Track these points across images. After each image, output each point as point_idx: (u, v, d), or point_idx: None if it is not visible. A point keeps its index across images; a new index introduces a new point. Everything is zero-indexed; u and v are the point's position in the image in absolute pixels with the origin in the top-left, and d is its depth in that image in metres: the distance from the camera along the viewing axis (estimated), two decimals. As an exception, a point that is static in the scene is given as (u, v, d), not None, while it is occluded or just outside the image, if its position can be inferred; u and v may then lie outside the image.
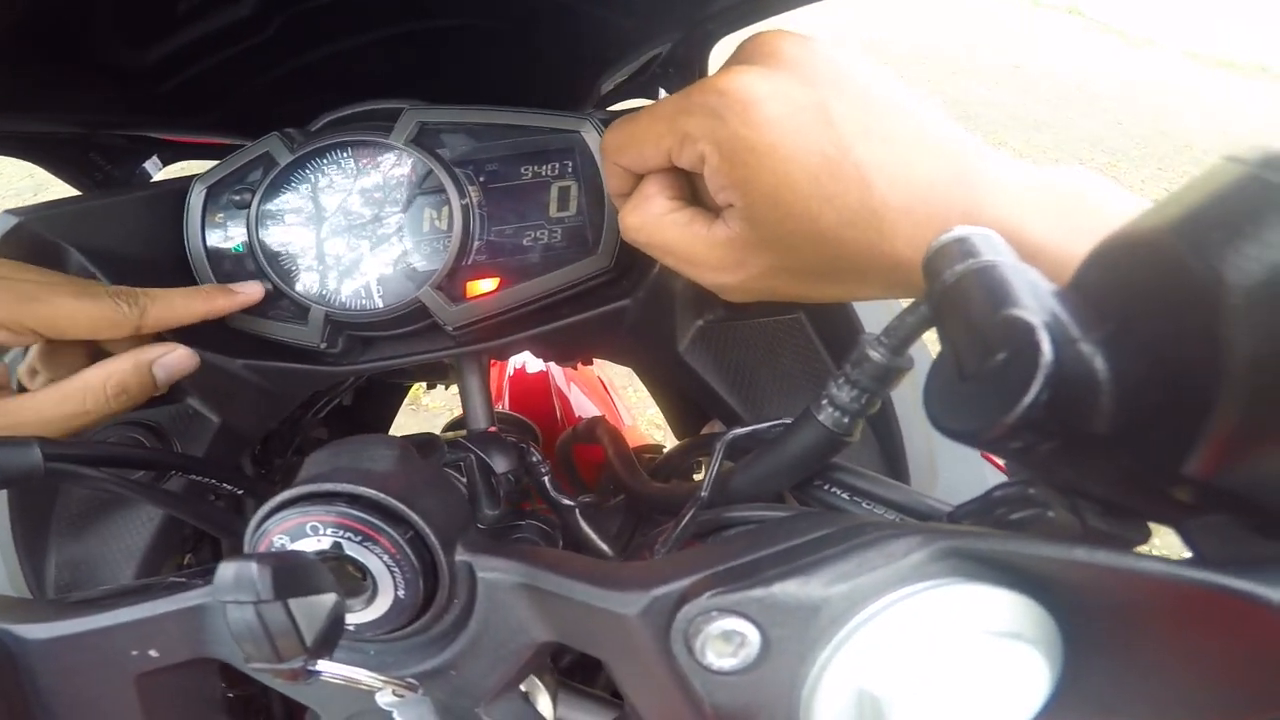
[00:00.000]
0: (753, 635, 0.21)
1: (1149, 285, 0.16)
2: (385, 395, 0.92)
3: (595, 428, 0.59)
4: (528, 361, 1.14)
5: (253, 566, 0.20)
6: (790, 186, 0.29)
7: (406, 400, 1.09)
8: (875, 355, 0.25)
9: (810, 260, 0.31)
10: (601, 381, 1.19)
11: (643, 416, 1.98)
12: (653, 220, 0.34)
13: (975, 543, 0.20)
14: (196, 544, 0.60)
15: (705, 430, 0.75)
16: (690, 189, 0.35)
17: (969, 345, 0.18)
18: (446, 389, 0.93)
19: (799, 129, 0.29)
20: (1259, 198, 0.14)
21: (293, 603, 0.20)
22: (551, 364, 1.10)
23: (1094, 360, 0.16)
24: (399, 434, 0.99)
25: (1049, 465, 0.18)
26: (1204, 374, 0.14)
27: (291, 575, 0.21)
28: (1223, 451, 0.14)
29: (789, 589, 0.20)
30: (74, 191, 0.57)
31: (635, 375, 0.74)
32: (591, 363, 1.16)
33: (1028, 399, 0.16)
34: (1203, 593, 0.17)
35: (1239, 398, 0.14)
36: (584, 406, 1.04)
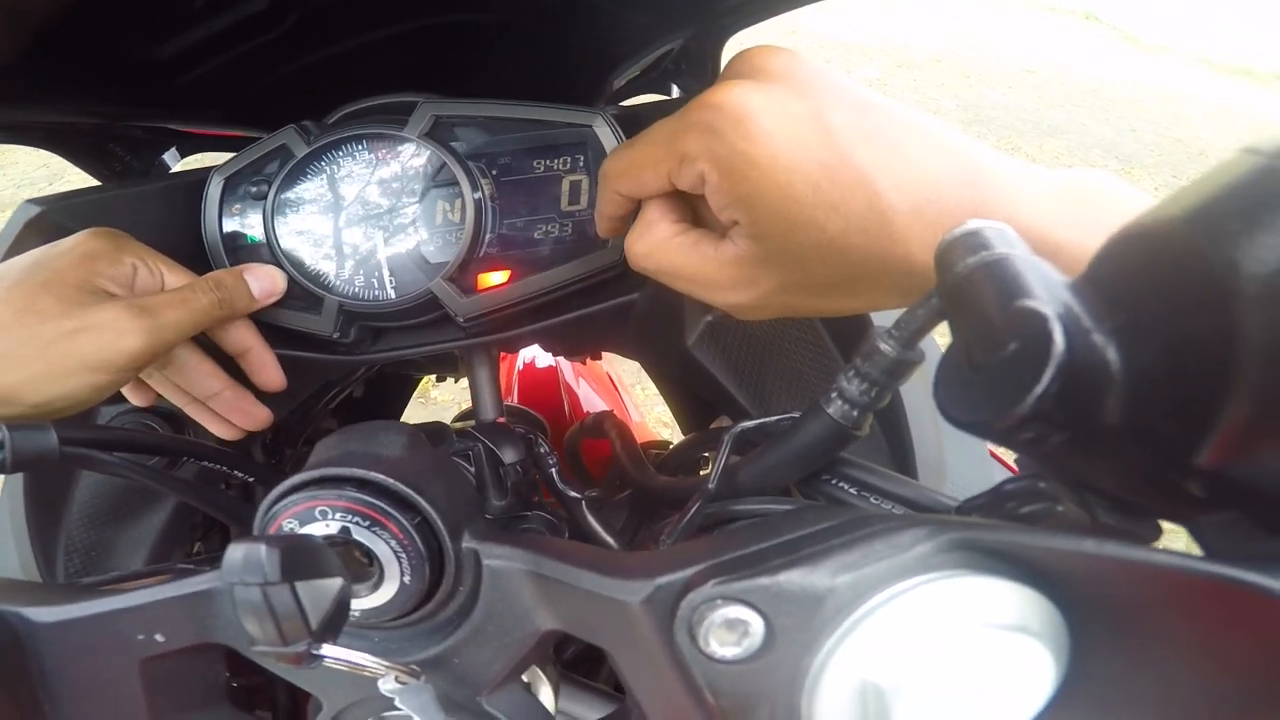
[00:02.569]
0: (757, 624, 0.21)
1: (1163, 276, 0.16)
2: (395, 387, 0.92)
3: (603, 422, 0.59)
4: (537, 356, 1.14)
5: (261, 548, 0.20)
6: (794, 198, 0.28)
7: (416, 394, 1.09)
8: (886, 348, 0.25)
9: (822, 273, 0.30)
10: (610, 378, 1.19)
11: (651, 414, 1.98)
12: (659, 245, 0.33)
13: (983, 534, 0.20)
14: (206, 533, 0.61)
15: (714, 427, 0.75)
16: (692, 212, 0.35)
17: (980, 336, 0.18)
18: (456, 382, 0.93)
19: (797, 139, 0.28)
20: (1276, 188, 0.14)
21: (299, 585, 0.21)
22: (560, 359, 1.10)
23: (1106, 351, 0.16)
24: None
25: (1060, 457, 0.18)
26: (1217, 364, 0.14)
27: (299, 558, 0.21)
28: (1234, 441, 0.14)
29: (794, 578, 0.20)
30: (92, 181, 0.58)
31: (644, 373, 0.74)
32: (600, 358, 1.16)
33: (1039, 389, 0.16)
34: (1212, 585, 0.17)
35: (1252, 388, 0.14)
36: (592, 402, 1.04)
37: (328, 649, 0.22)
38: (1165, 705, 0.19)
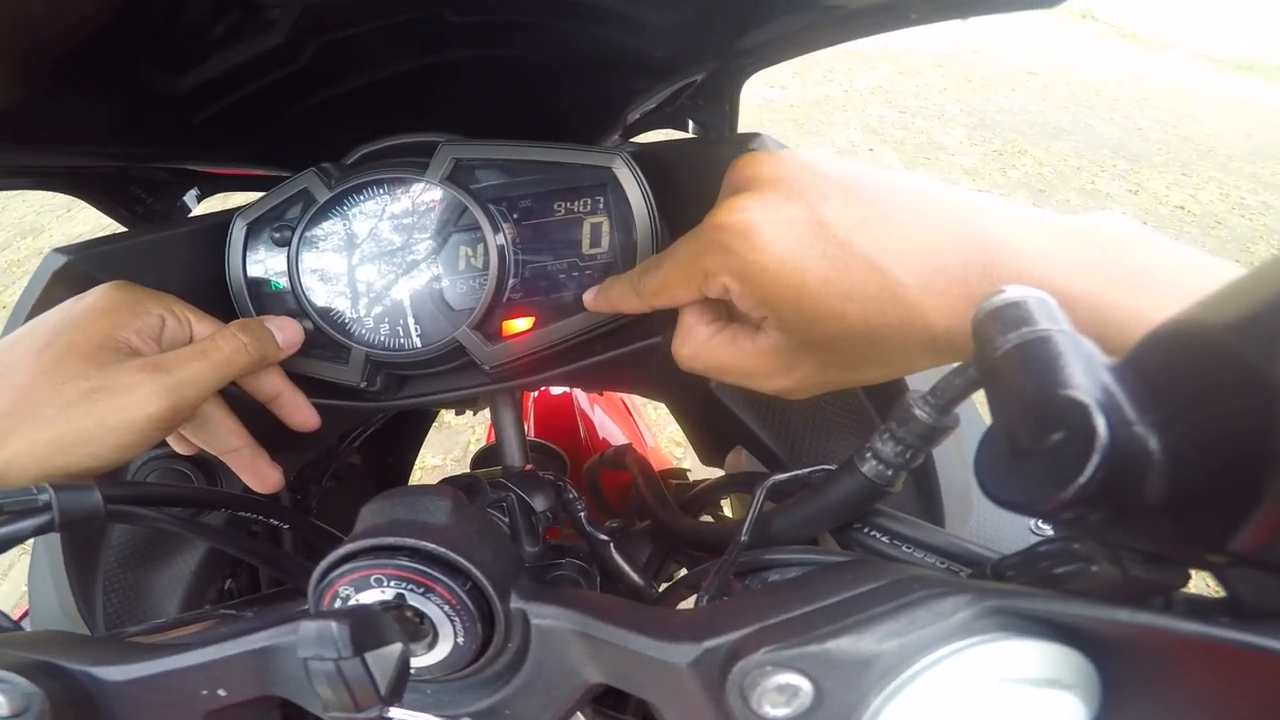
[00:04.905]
0: (806, 687, 0.22)
1: (1206, 378, 0.16)
2: (415, 421, 0.93)
3: (624, 456, 0.59)
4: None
5: (332, 626, 0.21)
6: (808, 294, 0.31)
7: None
8: (921, 414, 0.25)
9: (852, 352, 0.33)
10: (624, 403, 1.20)
11: (663, 434, 1.98)
12: (702, 347, 0.37)
13: (1021, 602, 0.21)
14: (235, 570, 0.62)
15: (730, 458, 0.75)
16: (725, 309, 0.38)
17: (1022, 419, 0.19)
18: (475, 415, 0.94)
19: (798, 239, 0.31)
20: None
21: (368, 655, 0.22)
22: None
23: (1149, 440, 0.17)
24: (425, 448, 0.99)
25: (1097, 531, 0.19)
26: (1256, 464, 0.15)
27: (365, 630, 0.22)
28: (1268, 533, 0.15)
29: (842, 645, 0.21)
30: (117, 225, 0.59)
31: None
32: (617, 388, 1.17)
33: (1082, 479, 0.17)
34: (1239, 652, 0.17)
35: None
36: (608, 429, 1.05)
37: (394, 712, 0.23)
38: None
